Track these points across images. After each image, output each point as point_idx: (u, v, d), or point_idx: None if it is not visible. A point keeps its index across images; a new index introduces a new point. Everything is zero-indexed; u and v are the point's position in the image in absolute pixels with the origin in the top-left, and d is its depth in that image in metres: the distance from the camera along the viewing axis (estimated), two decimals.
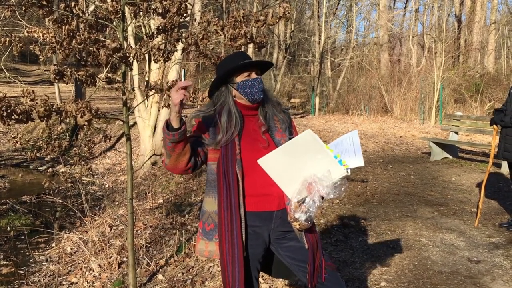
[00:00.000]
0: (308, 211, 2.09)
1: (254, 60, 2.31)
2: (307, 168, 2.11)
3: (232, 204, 2.14)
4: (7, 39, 3.56)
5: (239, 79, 2.27)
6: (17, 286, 4.91)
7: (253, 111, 2.33)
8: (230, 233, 2.13)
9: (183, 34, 3.67)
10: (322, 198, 2.11)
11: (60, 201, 7.34)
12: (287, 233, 2.26)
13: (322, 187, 2.07)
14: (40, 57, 3.59)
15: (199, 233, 2.33)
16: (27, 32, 3.62)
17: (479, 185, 6.89)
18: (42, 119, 3.19)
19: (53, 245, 5.98)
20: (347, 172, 2.08)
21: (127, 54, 3.47)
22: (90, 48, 3.48)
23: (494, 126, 5.19)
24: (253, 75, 2.27)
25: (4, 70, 12.78)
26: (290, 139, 2.25)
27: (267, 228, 2.25)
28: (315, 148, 2.09)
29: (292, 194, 2.13)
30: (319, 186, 2.07)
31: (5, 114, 3.07)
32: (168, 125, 2.07)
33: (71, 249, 5.63)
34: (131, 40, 9.17)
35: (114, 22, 3.63)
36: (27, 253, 5.74)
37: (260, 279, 3.88)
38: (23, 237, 6.16)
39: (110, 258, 4.89)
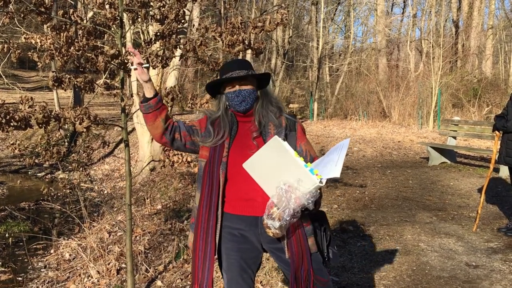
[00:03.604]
0: (281, 219, 2.03)
1: (239, 71, 2.29)
2: (282, 175, 2.06)
3: (211, 204, 2.21)
4: (6, 45, 3.57)
5: (226, 90, 2.34)
6: None
7: (247, 117, 2.35)
8: (205, 231, 2.21)
9: (181, 40, 3.69)
10: (305, 209, 2.06)
11: (59, 207, 7.33)
12: (277, 241, 2.23)
13: (294, 195, 2.00)
14: (39, 63, 3.59)
15: (190, 225, 2.44)
16: (25, 38, 3.62)
17: (477, 190, 6.91)
18: (40, 125, 3.19)
19: (52, 251, 5.96)
20: (321, 182, 1.99)
21: (126, 61, 3.48)
22: (89, 55, 3.49)
23: (496, 132, 5.23)
24: (236, 87, 2.30)
25: (3, 76, 12.74)
26: None
27: (254, 232, 2.25)
28: (284, 156, 2.06)
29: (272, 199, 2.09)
30: (292, 195, 2.01)
31: (3, 121, 3.07)
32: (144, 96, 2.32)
33: (70, 255, 5.62)
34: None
35: (112, 29, 3.64)
36: (26, 260, 5.73)
37: (259, 285, 3.87)
38: (21, 243, 6.14)
39: (108, 264, 4.88)
